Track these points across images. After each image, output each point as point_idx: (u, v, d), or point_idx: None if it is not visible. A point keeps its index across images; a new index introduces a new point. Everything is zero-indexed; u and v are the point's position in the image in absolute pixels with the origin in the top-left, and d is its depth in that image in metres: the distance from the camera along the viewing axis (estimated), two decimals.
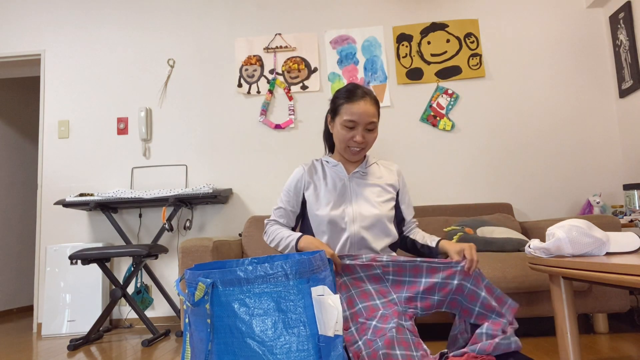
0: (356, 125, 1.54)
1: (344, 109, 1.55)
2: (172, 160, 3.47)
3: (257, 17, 3.55)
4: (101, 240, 3.43)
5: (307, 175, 1.66)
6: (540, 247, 1.49)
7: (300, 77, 3.46)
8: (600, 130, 3.27)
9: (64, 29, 3.64)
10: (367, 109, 1.53)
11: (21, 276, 4.64)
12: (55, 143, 3.53)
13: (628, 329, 2.34)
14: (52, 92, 3.59)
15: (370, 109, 1.54)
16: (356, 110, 1.52)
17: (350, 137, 1.56)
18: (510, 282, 2.16)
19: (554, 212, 3.23)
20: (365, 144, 1.58)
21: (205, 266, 1.15)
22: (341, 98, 1.58)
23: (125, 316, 3.31)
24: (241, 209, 3.38)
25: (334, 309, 0.96)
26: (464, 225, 2.68)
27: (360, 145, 1.57)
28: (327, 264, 1.11)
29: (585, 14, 3.36)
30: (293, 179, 1.68)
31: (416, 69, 3.40)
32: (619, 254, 1.38)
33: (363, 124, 1.54)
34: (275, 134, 3.43)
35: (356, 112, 1.52)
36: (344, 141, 1.58)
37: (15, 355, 2.50)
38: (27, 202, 4.82)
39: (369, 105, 1.54)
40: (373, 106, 1.56)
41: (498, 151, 3.31)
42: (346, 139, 1.57)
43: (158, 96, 3.54)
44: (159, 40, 3.58)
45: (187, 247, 2.36)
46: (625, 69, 3.13)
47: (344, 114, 1.55)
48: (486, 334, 1.29)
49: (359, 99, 1.53)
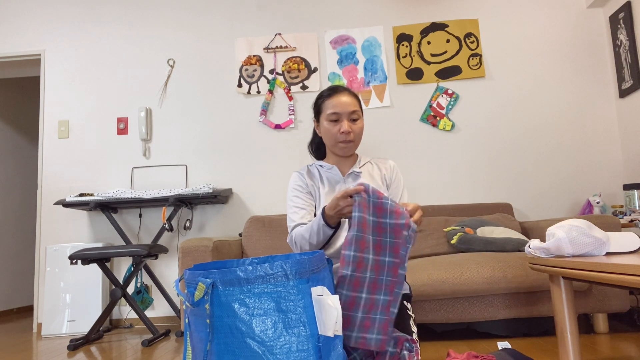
0: (340, 117, 1.57)
1: (326, 105, 1.60)
2: (172, 160, 3.47)
3: (257, 17, 3.55)
4: (101, 240, 3.43)
5: (307, 177, 1.66)
6: (540, 247, 1.49)
7: (300, 77, 3.46)
8: (600, 130, 3.27)
9: (63, 29, 3.64)
10: (348, 100, 1.58)
11: (21, 276, 4.64)
12: (55, 143, 3.53)
13: (628, 329, 2.34)
14: (52, 92, 3.59)
15: (350, 99, 1.58)
16: (337, 102, 1.57)
17: (337, 130, 1.58)
18: (510, 282, 2.16)
19: (554, 212, 3.23)
20: (353, 134, 1.59)
21: (205, 266, 1.15)
22: (322, 97, 1.63)
23: (125, 316, 3.31)
24: (241, 209, 3.38)
25: (334, 309, 0.96)
26: (464, 225, 2.68)
27: (348, 136, 1.58)
28: (326, 264, 1.11)
29: (585, 14, 3.36)
30: (295, 182, 1.66)
31: (416, 69, 3.40)
32: (619, 254, 1.38)
33: (346, 113, 1.57)
34: (275, 134, 3.43)
35: (337, 103, 1.57)
36: (332, 137, 1.59)
37: (15, 355, 2.50)
38: (27, 202, 4.82)
39: (349, 96, 1.59)
40: (354, 98, 1.60)
41: (498, 151, 3.31)
42: (333, 132, 1.58)
43: (158, 96, 3.54)
44: (159, 40, 3.58)
45: (187, 247, 2.36)
46: (625, 69, 3.13)
47: (326, 109, 1.59)
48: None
49: (338, 93, 1.59)
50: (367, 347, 1.18)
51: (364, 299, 1.21)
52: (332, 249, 1.52)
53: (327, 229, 1.40)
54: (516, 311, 2.22)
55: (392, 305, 1.23)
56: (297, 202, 1.61)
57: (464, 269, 2.20)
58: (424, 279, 2.19)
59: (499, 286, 2.16)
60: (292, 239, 1.54)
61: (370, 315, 1.20)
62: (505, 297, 2.24)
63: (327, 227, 1.39)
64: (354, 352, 1.24)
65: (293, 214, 1.59)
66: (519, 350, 1.98)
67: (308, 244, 1.47)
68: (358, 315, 1.19)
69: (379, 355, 1.24)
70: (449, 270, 2.20)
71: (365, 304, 1.20)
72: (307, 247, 1.48)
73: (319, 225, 1.40)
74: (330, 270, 1.16)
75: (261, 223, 2.93)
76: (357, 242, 1.21)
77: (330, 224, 1.39)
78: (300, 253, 1.27)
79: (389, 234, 1.25)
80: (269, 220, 2.95)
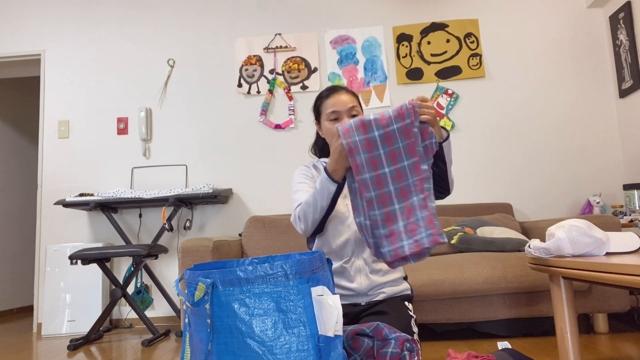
0: (340, 115, 1.57)
1: (325, 104, 1.60)
2: (172, 160, 3.47)
3: (257, 17, 3.55)
4: (101, 240, 3.43)
5: (313, 169, 1.66)
6: (540, 247, 1.49)
7: (300, 77, 3.46)
8: (600, 130, 3.27)
9: (63, 29, 3.64)
10: (346, 98, 1.58)
11: (21, 276, 4.64)
12: (55, 143, 3.53)
13: (628, 329, 2.34)
14: (52, 92, 3.59)
15: (348, 97, 1.58)
16: (336, 101, 1.57)
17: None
18: (510, 282, 2.16)
19: (554, 212, 3.23)
20: None
21: (205, 266, 1.15)
22: (320, 98, 1.64)
23: (125, 316, 3.31)
24: (241, 209, 3.38)
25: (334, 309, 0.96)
26: (464, 225, 2.68)
27: None
28: (326, 263, 1.11)
29: (585, 14, 3.36)
30: (300, 172, 1.65)
31: (416, 69, 3.40)
32: (619, 254, 1.38)
33: (345, 111, 1.57)
34: (275, 134, 3.43)
35: (336, 102, 1.57)
36: (334, 135, 1.59)
37: (15, 355, 2.50)
38: (27, 202, 4.82)
39: (347, 94, 1.59)
40: (351, 95, 1.61)
41: (498, 151, 3.31)
42: (334, 131, 1.58)
43: (158, 96, 3.54)
44: (159, 40, 3.58)
45: (187, 247, 2.37)
46: (625, 69, 3.13)
47: (326, 109, 1.59)
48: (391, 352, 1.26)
49: (336, 92, 1.60)
50: (421, 247, 1.20)
51: (398, 209, 1.23)
52: (329, 248, 1.52)
53: (331, 184, 1.37)
54: (516, 311, 2.23)
55: (428, 200, 1.25)
56: (303, 187, 1.58)
57: (464, 269, 2.20)
58: (424, 279, 2.19)
59: (499, 286, 2.17)
60: (295, 214, 1.50)
61: (412, 219, 1.23)
62: (505, 297, 2.24)
63: (330, 181, 1.37)
64: (354, 353, 1.24)
65: (298, 194, 1.56)
66: (519, 350, 1.99)
67: (312, 210, 1.43)
68: (400, 225, 1.21)
69: (379, 356, 1.24)
70: (449, 270, 2.20)
71: (401, 212, 1.23)
72: (310, 213, 1.44)
73: (322, 181, 1.38)
74: (330, 270, 1.16)
75: (261, 223, 2.93)
76: (368, 163, 1.25)
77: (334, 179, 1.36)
78: (300, 253, 1.26)
79: (399, 139, 1.26)
80: (269, 220, 2.95)
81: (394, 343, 1.26)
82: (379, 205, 1.24)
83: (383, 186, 1.25)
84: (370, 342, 1.25)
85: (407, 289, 1.58)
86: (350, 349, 1.23)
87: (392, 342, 1.25)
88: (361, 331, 1.25)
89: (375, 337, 1.24)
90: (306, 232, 1.50)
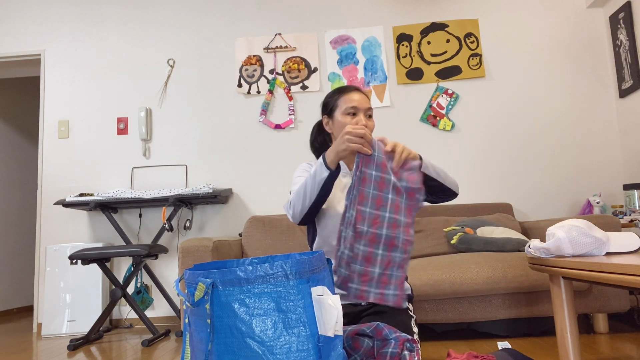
0: (358, 111, 1.57)
1: (342, 100, 1.59)
2: (172, 160, 3.47)
3: (257, 17, 3.55)
4: (101, 240, 3.43)
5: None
6: (540, 247, 1.49)
7: (300, 77, 3.46)
8: (600, 130, 3.27)
9: (63, 29, 3.64)
10: (364, 97, 1.60)
11: (21, 276, 4.64)
12: (55, 143, 3.53)
13: (628, 329, 2.34)
14: (52, 92, 3.59)
15: (366, 98, 1.60)
16: (355, 98, 1.58)
17: (355, 122, 1.56)
18: (510, 282, 2.16)
19: (554, 212, 3.23)
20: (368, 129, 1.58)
21: (205, 266, 1.15)
22: (334, 94, 1.63)
23: (125, 316, 3.31)
24: (241, 209, 3.38)
25: (334, 309, 0.96)
26: (464, 225, 2.68)
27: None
28: (326, 264, 1.11)
29: (585, 14, 3.36)
30: (302, 168, 1.64)
31: (416, 69, 3.40)
32: (619, 254, 1.38)
33: (363, 109, 1.57)
34: (275, 134, 3.43)
35: (355, 99, 1.58)
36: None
37: (15, 355, 2.50)
38: (27, 202, 4.82)
39: (364, 95, 1.61)
40: (368, 97, 1.63)
41: (498, 151, 3.31)
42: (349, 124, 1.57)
43: (158, 96, 3.54)
44: (159, 40, 3.58)
45: (187, 247, 2.36)
46: (625, 69, 3.13)
47: (343, 104, 1.58)
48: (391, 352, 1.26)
49: (352, 90, 1.61)
50: (385, 302, 1.22)
51: (380, 255, 1.25)
52: (329, 247, 1.52)
53: (324, 169, 1.38)
54: (516, 311, 2.23)
55: (405, 263, 1.29)
56: (301, 180, 1.57)
57: (464, 269, 2.20)
58: (424, 279, 2.19)
59: (499, 286, 2.17)
60: (288, 201, 1.50)
61: (387, 272, 1.25)
62: (505, 297, 2.24)
63: (324, 167, 1.37)
64: (354, 353, 1.24)
65: (295, 186, 1.55)
66: (519, 350, 1.99)
67: (302, 194, 1.43)
68: (376, 271, 1.23)
69: (379, 356, 1.24)
70: (449, 270, 2.20)
71: (382, 259, 1.25)
72: (301, 198, 1.44)
73: (316, 166, 1.39)
74: (330, 270, 1.16)
75: (261, 223, 2.93)
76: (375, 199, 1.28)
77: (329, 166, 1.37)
78: (300, 253, 1.26)
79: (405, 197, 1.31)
80: (269, 220, 2.95)
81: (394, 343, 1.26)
82: (365, 243, 1.27)
83: (377, 227, 1.29)
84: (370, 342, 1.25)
85: (407, 289, 1.58)
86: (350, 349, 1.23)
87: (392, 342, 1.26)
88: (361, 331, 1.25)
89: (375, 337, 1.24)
90: (294, 217, 1.49)
